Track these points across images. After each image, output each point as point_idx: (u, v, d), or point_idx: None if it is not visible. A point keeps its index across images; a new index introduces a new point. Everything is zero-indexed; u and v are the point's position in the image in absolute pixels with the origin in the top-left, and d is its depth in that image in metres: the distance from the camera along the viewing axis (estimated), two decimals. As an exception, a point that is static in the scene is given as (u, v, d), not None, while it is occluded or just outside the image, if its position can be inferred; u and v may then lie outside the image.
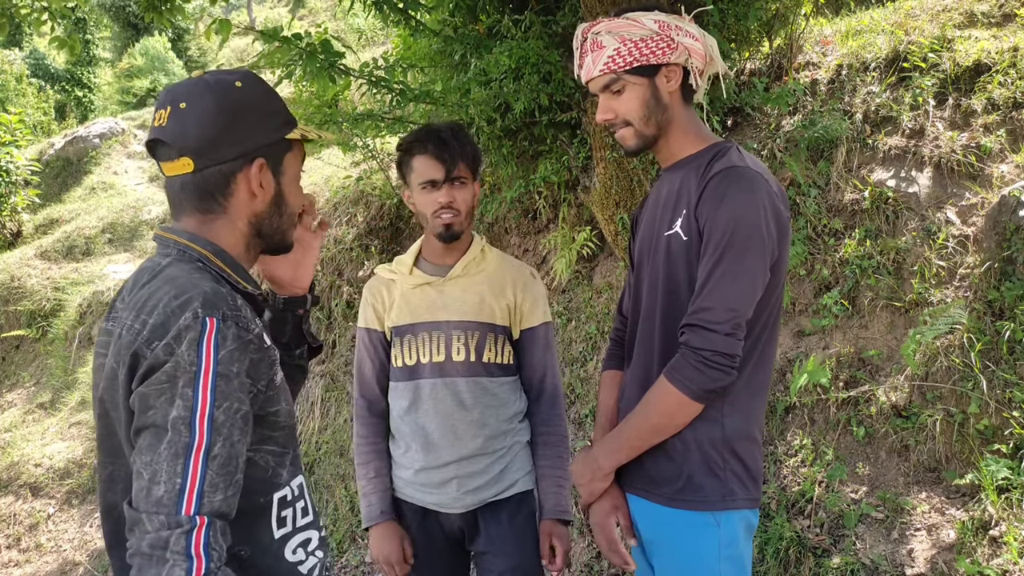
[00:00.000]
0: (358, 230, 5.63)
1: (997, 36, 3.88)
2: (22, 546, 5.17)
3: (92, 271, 8.67)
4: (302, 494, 1.27)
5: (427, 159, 1.84)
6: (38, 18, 4.32)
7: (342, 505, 4.44)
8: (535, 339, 1.98)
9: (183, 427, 1.03)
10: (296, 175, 1.30)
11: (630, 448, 1.50)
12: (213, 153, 1.17)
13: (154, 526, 1.01)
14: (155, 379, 1.05)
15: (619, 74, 1.50)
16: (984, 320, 2.92)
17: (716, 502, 1.47)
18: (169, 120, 1.17)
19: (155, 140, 1.19)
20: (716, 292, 1.38)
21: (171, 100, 1.18)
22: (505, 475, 1.94)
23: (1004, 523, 2.47)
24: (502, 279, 1.97)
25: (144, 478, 1.03)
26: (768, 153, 3.88)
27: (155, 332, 1.07)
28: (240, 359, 1.10)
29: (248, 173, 1.20)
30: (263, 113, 1.22)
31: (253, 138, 1.20)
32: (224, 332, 1.08)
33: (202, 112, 1.16)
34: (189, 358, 1.05)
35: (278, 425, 1.21)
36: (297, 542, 1.25)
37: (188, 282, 1.12)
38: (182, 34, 22.36)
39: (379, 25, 6.00)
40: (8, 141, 9.85)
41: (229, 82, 1.20)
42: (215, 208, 1.20)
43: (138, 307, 1.12)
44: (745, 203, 1.39)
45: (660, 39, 1.47)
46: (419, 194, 1.88)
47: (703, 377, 1.38)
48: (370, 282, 2.04)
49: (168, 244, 1.20)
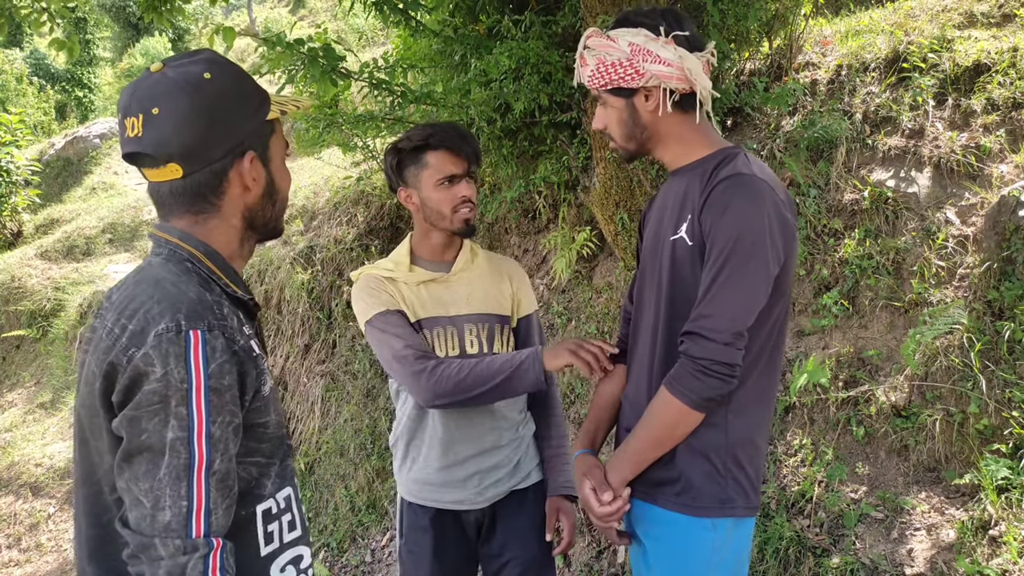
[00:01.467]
0: (358, 230, 5.64)
1: (997, 36, 3.88)
2: (22, 546, 5.17)
3: (92, 271, 8.68)
4: (289, 507, 1.21)
5: (446, 154, 1.84)
6: (37, 19, 4.32)
7: (342, 505, 4.45)
8: (531, 325, 2.03)
9: (181, 448, 0.99)
10: (282, 158, 1.25)
11: (636, 463, 1.52)
12: (201, 156, 1.11)
13: (169, 551, 0.97)
14: (144, 400, 1.00)
15: (600, 92, 1.54)
16: (984, 320, 2.92)
17: (714, 508, 1.48)
18: (145, 129, 1.09)
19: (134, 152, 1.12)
20: (716, 301, 1.39)
21: (140, 105, 1.10)
22: (521, 466, 1.97)
23: (1004, 523, 2.47)
24: (498, 270, 2.01)
25: (145, 505, 0.99)
26: (768, 153, 3.88)
27: (133, 339, 1.02)
28: (230, 371, 1.05)
29: (240, 168, 1.16)
30: (239, 100, 1.16)
31: (237, 130, 1.14)
32: (212, 343, 1.04)
33: (178, 116, 1.09)
34: (179, 375, 1.00)
35: (266, 437, 1.17)
36: (286, 559, 1.19)
37: (172, 288, 1.08)
38: (182, 34, 22.36)
39: (379, 25, 6.01)
40: (8, 141, 9.87)
41: (197, 75, 1.11)
42: (208, 208, 1.16)
43: (120, 308, 1.07)
44: (749, 212, 1.39)
45: (628, 65, 1.47)
46: (435, 190, 1.86)
47: (702, 386, 1.39)
48: (366, 278, 1.92)
49: (160, 243, 1.16)
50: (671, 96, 1.49)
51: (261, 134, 1.19)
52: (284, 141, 1.26)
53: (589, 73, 1.52)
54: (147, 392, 1.00)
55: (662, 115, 1.50)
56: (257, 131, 1.18)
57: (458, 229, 1.89)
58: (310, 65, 3.33)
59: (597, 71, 1.50)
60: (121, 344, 1.03)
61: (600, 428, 1.73)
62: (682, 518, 1.49)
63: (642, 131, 1.54)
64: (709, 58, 1.51)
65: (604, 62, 1.49)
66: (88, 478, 1.14)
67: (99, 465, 1.11)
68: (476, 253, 2.02)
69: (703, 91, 1.50)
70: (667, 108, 1.49)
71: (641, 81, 1.47)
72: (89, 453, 1.13)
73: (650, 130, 1.53)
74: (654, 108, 1.50)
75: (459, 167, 1.85)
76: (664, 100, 1.49)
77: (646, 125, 1.53)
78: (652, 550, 1.56)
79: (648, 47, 1.46)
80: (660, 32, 1.46)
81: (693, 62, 1.47)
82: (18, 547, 5.17)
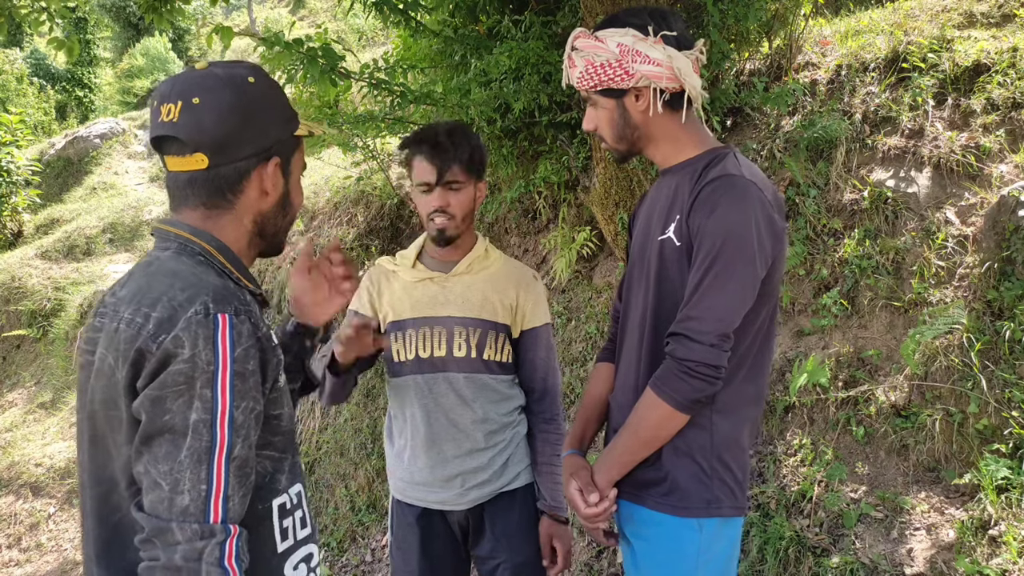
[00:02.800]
0: (358, 230, 5.64)
1: (996, 36, 3.88)
2: (23, 545, 5.17)
3: (93, 271, 8.69)
4: (300, 503, 1.21)
5: (421, 161, 1.83)
6: (37, 18, 4.32)
7: (342, 505, 4.45)
8: (537, 339, 1.99)
9: (204, 430, 0.99)
10: (299, 175, 1.28)
11: (622, 465, 1.52)
12: (230, 151, 1.13)
13: (186, 535, 0.96)
14: (169, 380, 0.99)
15: (589, 93, 1.53)
16: (983, 320, 2.92)
17: (700, 508, 1.48)
18: (181, 115, 1.11)
19: (164, 136, 1.13)
20: (703, 303, 1.39)
21: (180, 94, 1.12)
22: (507, 468, 1.95)
23: (1003, 523, 2.47)
24: (505, 278, 1.97)
25: (164, 488, 0.98)
26: (767, 153, 3.89)
27: (161, 326, 1.02)
28: (254, 356, 1.06)
29: (263, 171, 1.18)
30: (275, 109, 1.19)
31: (268, 135, 1.17)
32: (239, 328, 1.04)
33: (219, 108, 1.11)
34: (207, 357, 1.00)
35: (280, 429, 1.17)
36: (299, 557, 1.19)
37: (192, 276, 1.08)
38: (182, 34, 22.36)
39: (379, 25, 6.01)
40: (9, 141, 9.87)
41: (242, 77, 1.16)
42: (223, 204, 1.17)
43: (137, 300, 1.06)
44: (736, 214, 1.38)
45: (618, 66, 1.46)
46: (416, 195, 1.89)
47: (687, 387, 1.39)
48: (371, 270, 2.00)
49: (168, 237, 1.16)
50: (661, 96, 1.48)
51: (288, 146, 1.23)
52: (304, 160, 1.29)
53: (578, 75, 1.52)
54: (173, 372, 0.99)
55: (653, 115, 1.50)
56: (286, 142, 1.22)
57: (432, 237, 1.88)
58: (310, 65, 3.33)
59: (586, 72, 1.50)
60: (148, 331, 1.02)
61: (588, 428, 1.73)
62: (669, 519, 1.49)
63: (633, 131, 1.54)
64: (698, 56, 1.50)
65: (593, 63, 1.49)
66: (98, 477, 1.13)
67: (114, 459, 1.10)
68: (490, 256, 1.99)
69: (692, 90, 1.49)
70: (658, 108, 1.49)
71: (631, 82, 1.47)
72: (101, 451, 1.12)
73: (641, 130, 1.53)
74: (645, 108, 1.50)
75: (431, 175, 1.81)
76: (654, 100, 1.48)
77: (637, 125, 1.53)
78: (639, 550, 1.57)
79: (637, 47, 1.46)
80: (648, 32, 1.46)
81: (682, 61, 1.46)
82: (18, 547, 5.17)
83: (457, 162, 1.81)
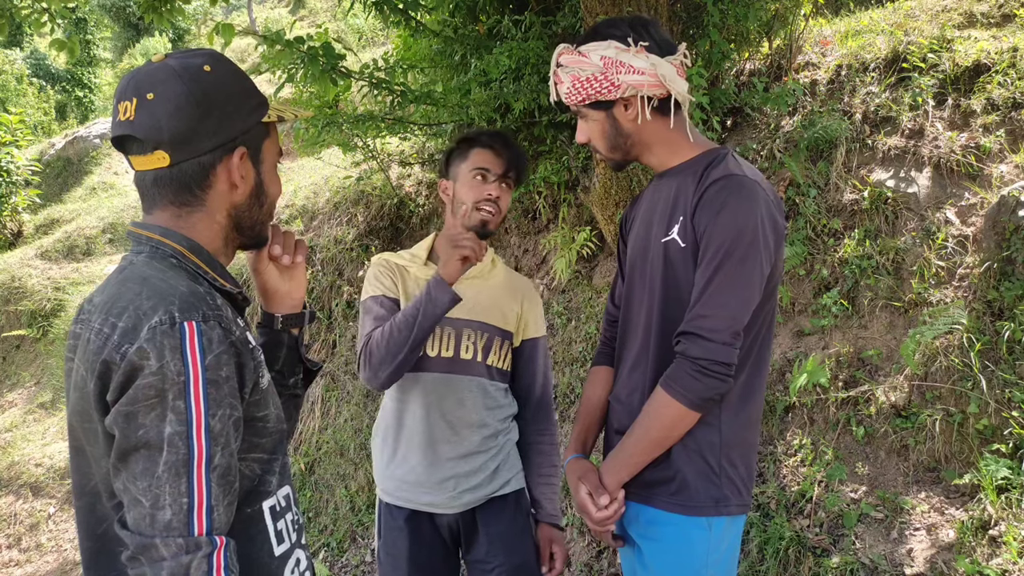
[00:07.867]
0: (358, 230, 5.64)
1: (996, 36, 3.88)
2: (23, 546, 5.17)
3: (93, 271, 8.68)
4: (290, 505, 1.18)
5: (487, 152, 1.91)
6: (38, 19, 4.33)
7: (342, 505, 4.45)
8: (537, 349, 2.04)
9: (180, 442, 0.96)
10: (274, 163, 1.23)
11: (632, 466, 1.52)
12: (190, 145, 1.09)
13: (171, 551, 0.94)
14: (140, 394, 0.96)
15: (579, 107, 1.54)
16: (983, 320, 2.92)
17: (709, 507, 1.49)
18: (137, 113, 1.08)
19: (124, 135, 1.10)
20: (714, 301, 1.39)
21: (135, 90, 1.08)
22: (499, 473, 1.95)
23: (1003, 523, 2.47)
24: (511, 288, 2.02)
25: (144, 504, 0.95)
26: (767, 153, 3.89)
27: (125, 336, 0.99)
28: (228, 362, 1.02)
29: (229, 164, 1.13)
30: (237, 97, 1.14)
31: (231, 126, 1.13)
32: (208, 334, 1.00)
33: (173, 102, 1.07)
34: (176, 368, 0.97)
35: (266, 431, 1.14)
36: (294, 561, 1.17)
37: (161, 282, 1.04)
38: (182, 35, 22.35)
39: (379, 25, 6.01)
40: (9, 141, 9.87)
41: (197, 66, 1.11)
42: (192, 201, 1.12)
43: (106, 309, 1.03)
44: (744, 213, 1.40)
45: (603, 79, 1.48)
46: (467, 182, 1.90)
47: (700, 386, 1.39)
48: (379, 261, 1.97)
49: (141, 240, 1.13)
50: (649, 103, 1.50)
51: (255, 135, 1.17)
52: (278, 147, 1.24)
53: (565, 91, 1.53)
54: (142, 386, 0.96)
55: (643, 123, 1.52)
56: (251, 131, 1.17)
57: (473, 225, 1.89)
58: (310, 64, 3.33)
59: (573, 88, 1.51)
60: (113, 342, 0.99)
61: (590, 431, 1.73)
62: (678, 518, 1.49)
63: (625, 140, 1.55)
64: (682, 60, 1.52)
65: (579, 78, 1.50)
66: (83, 489, 1.11)
67: (95, 472, 1.08)
68: (496, 266, 2.04)
69: (679, 94, 1.51)
70: (647, 115, 1.50)
71: (618, 93, 1.48)
72: (83, 462, 1.10)
73: (633, 138, 1.55)
74: (634, 117, 1.51)
75: (496, 166, 1.90)
76: (643, 108, 1.50)
77: (629, 134, 1.54)
78: (648, 551, 1.56)
79: (620, 58, 1.47)
80: (630, 42, 1.47)
81: (666, 67, 1.48)
82: (18, 547, 5.17)
83: (518, 167, 1.93)
